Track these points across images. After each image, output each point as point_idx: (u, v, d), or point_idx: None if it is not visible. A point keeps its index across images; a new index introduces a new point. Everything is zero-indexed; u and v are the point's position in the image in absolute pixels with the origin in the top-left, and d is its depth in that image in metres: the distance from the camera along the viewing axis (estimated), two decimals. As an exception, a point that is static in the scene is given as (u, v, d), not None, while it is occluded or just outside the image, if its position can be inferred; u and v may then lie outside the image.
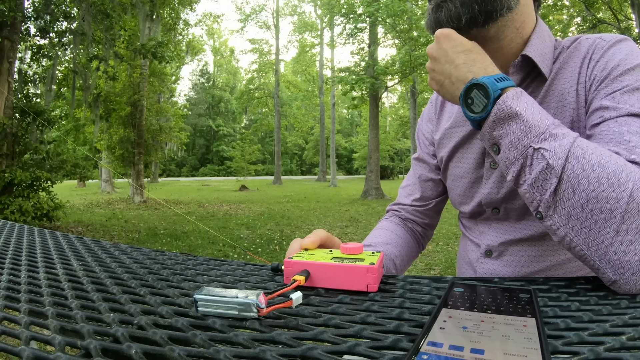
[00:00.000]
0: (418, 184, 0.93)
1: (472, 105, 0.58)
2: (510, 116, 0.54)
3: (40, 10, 7.19)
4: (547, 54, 0.72)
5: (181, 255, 0.75)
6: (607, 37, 0.71)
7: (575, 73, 0.70)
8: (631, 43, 0.69)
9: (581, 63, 0.70)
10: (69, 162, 7.50)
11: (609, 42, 0.69)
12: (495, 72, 0.59)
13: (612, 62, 0.66)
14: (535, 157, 0.52)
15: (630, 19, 12.13)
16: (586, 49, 0.70)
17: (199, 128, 46.55)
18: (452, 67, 0.62)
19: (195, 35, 25.20)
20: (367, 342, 0.35)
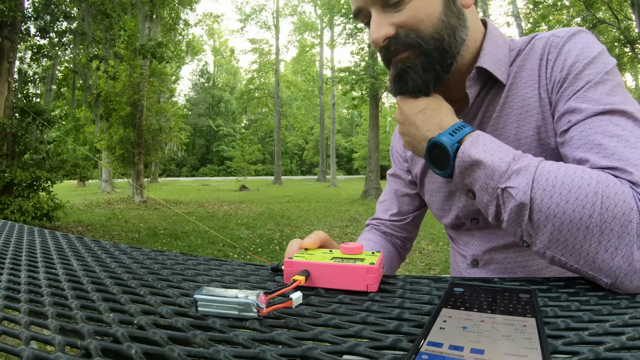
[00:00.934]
0: (395, 199, 0.94)
1: (437, 162, 0.61)
2: (472, 165, 0.57)
3: (40, 10, 7.18)
4: (502, 59, 0.71)
5: (181, 255, 0.75)
6: (561, 32, 0.70)
7: (534, 76, 0.69)
8: (585, 34, 0.68)
9: (539, 64, 0.69)
10: (69, 162, 7.49)
11: (563, 37, 0.68)
12: (450, 124, 0.62)
13: (569, 60, 0.65)
14: (504, 196, 0.54)
15: (630, 19, 12.13)
16: (541, 49, 0.69)
17: (199, 128, 46.55)
18: (415, 129, 0.66)
19: (195, 35, 25.22)
20: (367, 342, 0.35)
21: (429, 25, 0.64)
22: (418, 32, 0.64)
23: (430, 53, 0.64)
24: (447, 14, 0.64)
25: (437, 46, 0.64)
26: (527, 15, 15.51)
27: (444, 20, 0.64)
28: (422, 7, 0.63)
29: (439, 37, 0.64)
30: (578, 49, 0.65)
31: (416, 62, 0.65)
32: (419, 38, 0.64)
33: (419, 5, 0.63)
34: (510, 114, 0.70)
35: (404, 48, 0.65)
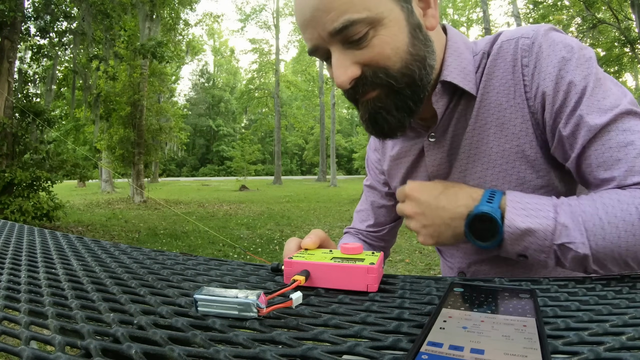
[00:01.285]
0: (371, 210, 0.93)
1: (481, 235, 0.58)
2: (522, 234, 0.56)
3: (40, 10, 7.18)
4: (467, 67, 0.67)
5: (181, 255, 0.75)
6: (528, 31, 0.65)
7: (508, 84, 0.65)
8: (554, 32, 0.64)
9: (512, 70, 0.64)
10: (69, 162, 7.49)
11: (533, 39, 0.63)
12: (480, 193, 0.61)
13: (553, 70, 0.60)
14: (562, 250, 0.55)
15: (630, 19, 12.13)
16: (512, 53, 0.64)
17: (199, 128, 46.55)
18: (442, 211, 0.61)
19: (195, 35, 25.22)
20: (367, 342, 0.35)
21: (397, 60, 0.58)
22: (386, 70, 0.59)
23: (401, 91, 0.60)
24: (415, 44, 0.60)
25: (409, 82, 0.60)
26: (527, 15, 15.51)
27: (412, 53, 0.59)
28: (387, 41, 0.57)
29: (410, 72, 0.59)
30: (558, 55, 0.61)
31: (387, 101, 0.61)
32: (389, 77, 0.59)
33: (385, 40, 0.57)
34: (486, 127, 0.67)
35: (373, 88, 0.60)
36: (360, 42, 0.57)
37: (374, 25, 0.56)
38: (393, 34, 0.57)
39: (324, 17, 0.56)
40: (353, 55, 0.58)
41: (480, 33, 24.49)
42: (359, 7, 0.55)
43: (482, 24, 19.35)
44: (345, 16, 0.55)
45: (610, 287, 0.50)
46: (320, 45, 0.60)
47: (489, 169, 0.67)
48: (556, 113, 0.61)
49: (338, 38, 0.57)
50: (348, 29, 0.56)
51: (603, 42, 14.54)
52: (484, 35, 18.45)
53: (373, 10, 0.56)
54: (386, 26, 0.57)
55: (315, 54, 0.62)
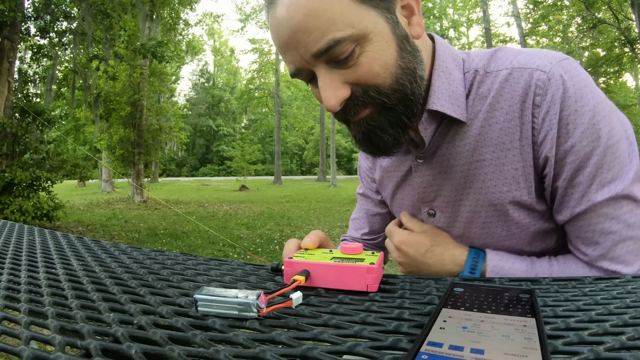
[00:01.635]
0: (365, 218, 0.92)
1: None
2: None
3: (40, 10, 7.18)
4: (457, 89, 0.63)
5: (181, 255, 0.75)
6: (545, 65, 0.58)
7: (514, 122, 0.60)
8: (574, 77, 0.58)
9: (521, 107, 0.59)
10: (69, 162, 7.50)
11: (552, 78, 0.57)
12: (464, 258, 0.65)
13: (570, 126, 0.57)
14: None
15: (630, 19, 12.13)
16: (523, 87, 0.59)
17: (199, 128, 46.54)
18: (428, 267, 0.66)
19: (195, 35, 25.23)
20: (367, 342, 0.35)
21: (387, 76, 0.56)
22: (377, 88, 0.56)
23: (394, 107, 0.57)
24: (403, 56, 0.57)
25: (401, 97, 0.57)
26: (527, 15, 15.51)
27: (401, 66, 0.56)
28: (375, 57, 0.54)
29: (401, 87, 0.57)
30: (578, 108, 0.57)
31: (381, 119, 0.58)
32: (380, 94, 0.56)
33: (372, 57, 0.54)
34: (484, 164, 0.63)
35: (364, 106, 0.57)
36: (346, 61, 0.54)
37: (359, 42, 0.53)
38: (380, 49, 0.54)
39: (304, 38, 0.52)
40: (340, 74, 0.55)
41: (480, 33, 24.47)
42: (342, 25, 0.52)
43: (482, 24, 19.33)
44: (329, 36, 0.52)
45: (610, 287, 0.50)
46: (303, 67, 0.56)
47: (484, 207, 0.65)
48: (559, 170, 0.59)
49: (322, 59, 0.54)
50: (333, 49, 0.52)
51: (603, 42, 14.54)
52: (484, 35, 18.43)
53: (357, 27, 0.52)
54: (372, 41, 0.54)
55: (298, 76, 0.59)
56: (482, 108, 0.62)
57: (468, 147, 0.64)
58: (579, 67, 0.60)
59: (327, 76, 0.55)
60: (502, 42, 19.80)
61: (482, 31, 19.71)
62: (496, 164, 0.63)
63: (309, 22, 0.52)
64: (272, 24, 0.56)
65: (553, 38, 17.58)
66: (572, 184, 0.59)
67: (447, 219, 0.71)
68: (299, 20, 0.52)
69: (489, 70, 0.63)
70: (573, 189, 0.59)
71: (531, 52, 0.63)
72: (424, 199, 0.72)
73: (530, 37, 17.40)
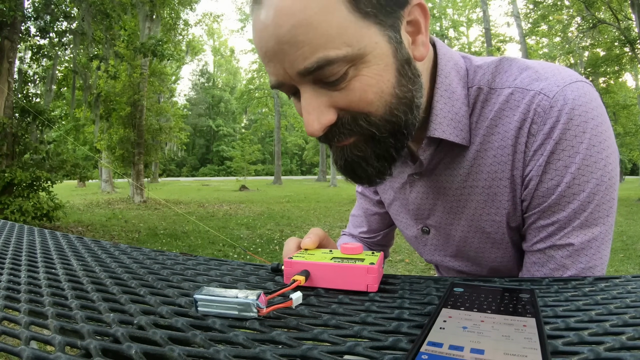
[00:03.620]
0: (364, 217, 0.90)
1: None
2: None
3: (40, 10, 7.18)
4: (460, 110, 0.57)
5: (181, 255, 0.75)
6: (550, 89, 0.52)
7: (507, 150, 0.56)
8: (582, 106, 0.51)
9: (516, 134, 0.55)
10: (69, 162, 7.49)
11: (554, 105, 0.51)
12: None
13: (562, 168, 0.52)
14: None
15: (630, 19, 12.13)
16: (522, 111, 0.54)
17: (199, 128, 46.54)
18: None
19: (195, 35, 25.24)
20: (367, 342, 0.35)
21: (381, 105, 0.49)
22: (368, 117, 0.50)
23: (384, 139, 0.52)
24: (402, 84, 0.50)
25: (393, 130, 0.51)
26: (527, 15, 15.51)
27: (398, 95, 0.50)
28: (370, 83, 0.48)
29: (395, 118, 0.51)
30: (574, 151, 0.52)
31: (367, 150, 0.52)
32: (370, 125, 0.50)
33: (367, 82, 0.48)
34: (476, 190, 0.60)
35: (350, 135, 0.51)
36: (337, 83, 0.47)
37: (354, 63, 0.47)
38: (377, 73, 0.48)
39: (292, 52, 0.45)
40: (328, 96, 0.49)
41: (480, 33, 24.46)
42: (338, 42, 0.45)
43: (482, 24, 19.33)
44: (320, 53, 0.45)
45: (610, 287, 0.50)
46: (286, 82, 0.49)
47: (477, 233, 0.64)
48: (537, 203, 0.56)
49: (309, 77, 0.47)
50: (323, 69, 0.46)
51: (603, 42, 14.54)
52: (484, 35, 18.42)
53: (355, 46, 0.46)
54: (369, 64, 0.47)
55: (279, 88, 0.51)
56: (480, 131, 0.58)
57: (463, 172, 0.60)
58: (589, 93, 0.53)
59: (312, 97, 0.49)
60: (502, 42, 19.79)
61: (482, 31, 19.70)
62: (488, 193, 0.59)
63: (299, 34, 0.44)
64: (256, 26, 0.48)
65: (553, 38, 17.58)
66: (543, 223, 0.56)
67: (440, 238, 0.70)
68: (288, 30, 0.44)
69: (494, 87, 0.57)
70: (542, 229, 0.57)
71: (539, 68, 0.56)
72: (417, 216, 0.70)
73: (530, 37, 17.40)
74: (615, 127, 18.63)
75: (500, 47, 20.11)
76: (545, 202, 0.55)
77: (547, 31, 16.91)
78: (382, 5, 0.47)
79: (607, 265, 0.57)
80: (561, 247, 0.56)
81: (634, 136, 18.17)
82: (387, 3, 0.48)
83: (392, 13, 0.48)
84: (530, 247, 0.59)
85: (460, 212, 0.64)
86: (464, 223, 0.64)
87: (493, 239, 0.63)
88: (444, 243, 0.70)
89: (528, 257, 0.60)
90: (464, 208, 0.63)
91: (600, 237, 0.55)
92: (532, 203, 0.56)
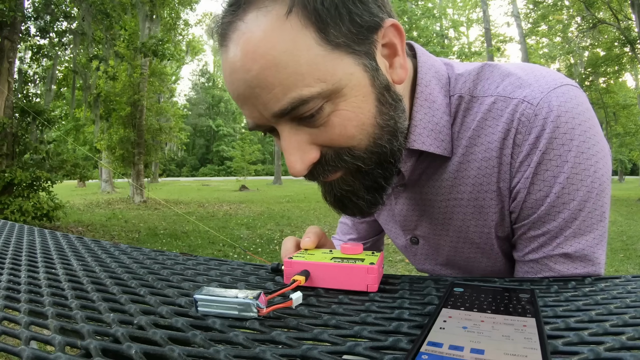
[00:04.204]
0: (352, 225, 0.90)
1: None
2: None
3: (40, 10, 7.18)
4: (441, 120, 0.55)
5: (181, 255, 0.75)
6: (534, 96, 0.50)
7: (492, 162, 0.54)
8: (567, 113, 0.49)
9: (500, 145, 0.53)
10: (69, 162, 7.50)
11: (539, 114, 0.49)
12: None
13: (550, 179, 0.50)
14: None
15: (630, 19, 12.13)
16: (506, 121, 0.52)
17: (199, 128, 46.55)
18: None
19: (195, 35, 25.23)
20: (367, 342, 0.35)
21: (364, 138, 0.48)
22: (351, 151, 0.48)
23: (371, 171, 0.51)
24: (383, 112, 0.48)
25: (379, 160, 0.50)
26: (527, 15, 15.51)
27: (380, 125, 0.48)
28: (350, 117, 0.46)
29: (379, 148, 0.49)
30: (563, 162, 0.50)
31: (355, 183, 0.52)
32: (355, 159, 0.49)
33: (347, 117, 0.46)
34: (462, 203, 0.59)
35: (336, 169, 0.50)
36: (315, 120, 0.46)
37: (331, 98, 0.45)
38: (356, 106, 0.46)
39: (264, 95, 0.44)
40: (308, 134, 0.47)
41: (480, 33, 24.46)
42: (310, 79, 0.43)
43: (482, 24, 19.33)
44: (293, 93, 0.43)
45: (610, 287, 0.50)
46: (263, 124, 0.48)
47: (466, 244, 0.63)
48: (526, 215, 0.55)
49: (286, 117, 0.46)
50: (298, 108, 0.44)
51: (603, 42, 14.54)
52: (484, 35, 18.42)
53: (329, 81, 0.44)
54: (347, 97, 0.45)
55: (258, 130, 0.50)
56: (462, 142, 0.56)
57: (447, 183, 0.58)
58: (575, 97, 0.51)
59: (291, 136, 0.47)
60: (502, 42, 19.78)
61: (482, 31, 19.70)
62: (474, 205, 0.58)
63: (268, 76, 0.43)
64: (225, 70, 0.47)
65: (553, 38, 17.58)
66: (534, 233, 0.55)
67: (430, 248, 0.69)
68: (257, 73, 0.43)
69: (475, 95, 0.55)
70: (533, 239, 0.56)
71: (522, 74, 0.54)
72: (405, 227, 0.69)
73: (530, 37, 17.40)
74: (615, 127, 18.63)
75: (500, 47, 20.11)
76: (535, 214, 0.53)
77: (547, 31, 16.92)
78: (354, 33, 0.45)
79: (605, 266, 0.57)
80: (555, 257, 0.55)
81: (634, 136, 18.17)
82: (358, 30, 0.45)
83: (365, 39, 0.46)
84: (522, 257, 0.58)
85: (448, 223, 0.62)
86: (452, 234, 0.63)
87: (482, 249, 0.62)
88: (434, 253, 0.69)
89: (520, 266, 0.59)
90: (450, 220, 0.61)
91: (594, 243, 0.54)
92: (521, 214, 0.55)
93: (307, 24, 0.43)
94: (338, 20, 0.44)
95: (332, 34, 0.44)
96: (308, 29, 0.43)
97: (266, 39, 0.43)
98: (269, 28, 0.43)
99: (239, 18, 0.45)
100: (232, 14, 0.45)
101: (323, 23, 0.43)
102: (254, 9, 0.44)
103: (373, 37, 0.47)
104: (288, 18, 0.43)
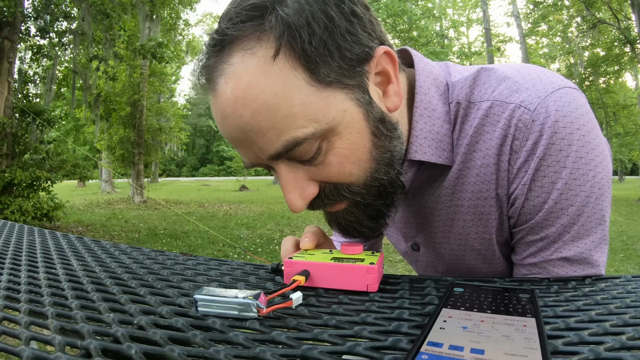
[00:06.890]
0: None
1: None
2: None
3: (40, 10, 7.18)
4: (441, 129, 0.54)
5: (181, 255, 0.75)
6: (531, 101, 0.49)
7: (490, 169, 0.53)
8: (565, 117, 0.48)
9: (497, 152, 0.52)
10: (69, 162, 7.50)
11: (536, 119, 0.48)
12: None
13: (548, 185, 0.50)
14: None
15: (630, 18, 12.13)
16: (503, 126, 0.51)
17: (199, 128, 46.55)
18: None
19: (195, 35, 25.24)
20: (367, 342, 0.35)
21: (361, 174, 0.48)
22: (349, 187, 0.49)
23: (372, 202, 0.51)
24: (378, 145, 0.48)
25: (377, 192, 0.51)
26: (527, 15, 15.52)
27: (377, 159, 0.48)
28: (346, 155, 0.46)
29: (377, 181, 0.50)
30: (561, 167, 0.49)
31: (358, 213, 0.52)
32: (353, 194, 0.50)
33: (342, 154, 0.46)
34: (462, 210, 0.58)
35: (337, 201, 0.51)
36: (311, 160, 0.46)
37: (325, 137, 0.45)
38: (351, 142, 0.46)
39: (258, 139, 0.44)
40: (305, 171, 0.48)
41: (480, 33, 24.46)
42: (303, 120, 0.43)
43: (482, 24, 19.34)
44: (287, 136, 0.43)
45: (610, 287, 0.50)
46: (260, 163, 0.48)
47: (467, 251, 0.63)
48: (524, 220, 0.54)
49: (282, 158, 0.46)
50: (293, 149, 0.44)
51: (603, 42, 14.55)
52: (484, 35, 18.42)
53: (322, 120, 0.44)
54: (341, 135, 0.45)
55: (254, 167, 0.50)
56: (461, 149, 0.55)
57: (447, 191, 0.58)
58: (574, 100, 0.50)
59: (289, 174, 0.47)
60: (502, 42, 19.78)
61: (482, 31, 19.71)
62: (474, 212, 0.57)
63: (261, 121, 0.43)
64: (216, 115, 0.47)
65: (553, 38, 17.58)
66: (533, 238, 0.55)
67: (431, 255, 0.68)
68: (249, 118, 0.43)
69: (472, 101, 0.54)
70: (532, 244, 0.55)
71: (519, 77, 0.53)
72: (405, 234, 0.69)
73: (530, 37, 17.41)
74: (615, 127, 18.62)
75: (500, 47, 20.10)
76: (533, 219, 0.53)
77: (547, 31, 16.93)
78: (345, 68, 0.44)
79: (605, 266, 0.57)
80: (554, 261, 0.55)
81: (634, 136, 18.16)
82: (349, 65, 0.44)
83: (357, 72, 0.45)
84: (521, 261, 0.58)
85: (448, 230, 0.62)
86: (453, 242, 0.63)
87: (484, 256, 0.62)
88: (435, 260, 0.69)
89: (519, 269, 0.59)
90: (451, 227, 0.61)
91: (593, 246, 0.54)
92: (520, 220, 0.55)
93: (295, 65, 0.42)
94: (327, 57, 0.43)
95: (323, 73, 0.43)
96: (297, 70, 0.42)
97: (255, 83, 0.42)
98: (257, 72, 0.42)
99: (223, 61, 0.44)
100: (216, 56, 0.44)
101: (312, 63, 0.42)
102: (239, 50, 0.43)
103: (365, 68, 0.46)
104: (275, 60, 0.42)
